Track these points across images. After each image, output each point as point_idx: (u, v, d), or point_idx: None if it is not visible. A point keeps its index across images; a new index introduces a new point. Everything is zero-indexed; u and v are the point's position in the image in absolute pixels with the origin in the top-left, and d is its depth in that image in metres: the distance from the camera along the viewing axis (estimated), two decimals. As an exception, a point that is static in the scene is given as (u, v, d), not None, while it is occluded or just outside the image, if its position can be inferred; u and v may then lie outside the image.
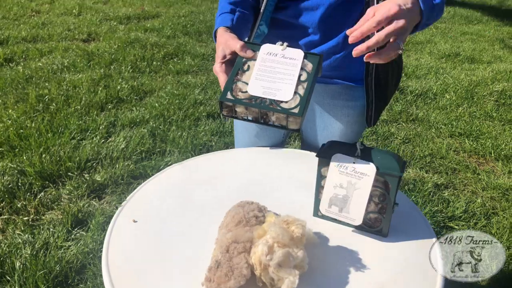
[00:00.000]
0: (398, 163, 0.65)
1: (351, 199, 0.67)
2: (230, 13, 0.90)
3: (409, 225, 0.75)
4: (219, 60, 0.81)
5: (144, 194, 0.87)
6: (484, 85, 3.47)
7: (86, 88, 2.93)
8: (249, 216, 0.69)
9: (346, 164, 0.66)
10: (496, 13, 6.16)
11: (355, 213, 0.68)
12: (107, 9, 5.73)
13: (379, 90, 0.95)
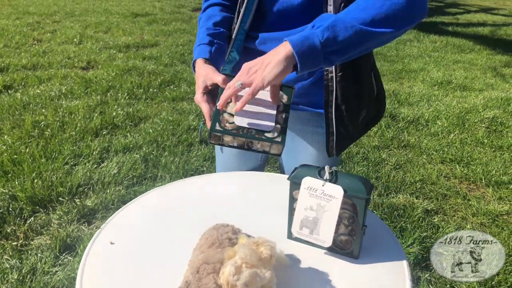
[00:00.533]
0: (365, 186, 0.67)
1: (321, 221, 0.69)
2: (208, 44, 0.95)
3: (382, 247, 0.76)
4: (201, 90, 0.88)
5: (123, 217, 0.89)
6: (475, 112, 3.52)
7: (82, 115, 2.97)
8: (222, 238, 0.71)
9: (315, 186, 0.68)
10: (488, 42, 6.30)
11: (325, 235, 0.69)
12: (108, 38, 5.87)
13: (340, 123, 0.95)
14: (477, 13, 9.13)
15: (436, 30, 6.99)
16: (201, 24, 1.02)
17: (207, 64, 0.92)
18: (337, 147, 0.98)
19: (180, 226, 0.84)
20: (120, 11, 8.01)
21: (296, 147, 1.07)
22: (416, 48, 5.76)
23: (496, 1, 11.47)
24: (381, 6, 0.74)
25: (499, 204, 2.24)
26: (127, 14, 7.72)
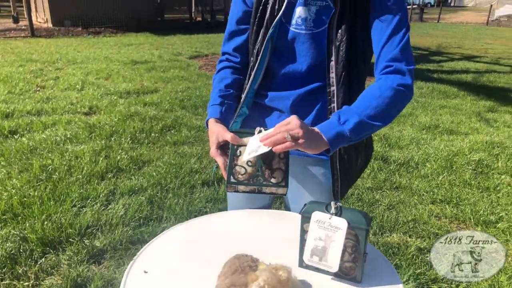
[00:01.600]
0: (365, 218, 0.80)
1: (328, 249, 0.81)
2: (220, 105, 1.13)
3: (380, 274, 0.88)
4: (214, 146, 1.04)
5: (153, 249, 0.99)
6: (462, 155, 3.70)
7: (87, 158, 3.10)
8: (243, 265, 0.83)
9: (323, 219, 0.81)
10: (471, 88, 6.64)
11: (332, 262, 0.81)
12: (108, 84, 6.10)
13: (344, 171, 1.12)
14: (460, 61, 9.63)
15: (422, 77, 7.35)
16: (214, 85, 1.19)
17: (218, 123, 1.08)
18: (341, 191, 1.15)
19: (203, 257, 0.95)
20: (120, 59, 8.33)
21: (301, 188, 1.20)
22: (404, 94, 6.06)
23: (478, 49, 12.11)
24: (389, 108, 0.98)
25: (488, 243, 2.36)
26: (126, 61, 8.03)
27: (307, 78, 1.10)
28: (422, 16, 26.22)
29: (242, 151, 0.97)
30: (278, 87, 1.14)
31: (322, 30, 1.04)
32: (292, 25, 1.07)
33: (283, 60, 1.11)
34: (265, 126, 1.16)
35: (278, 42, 1.09)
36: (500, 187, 3.11)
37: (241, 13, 1.15)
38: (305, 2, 1.05)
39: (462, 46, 12.70)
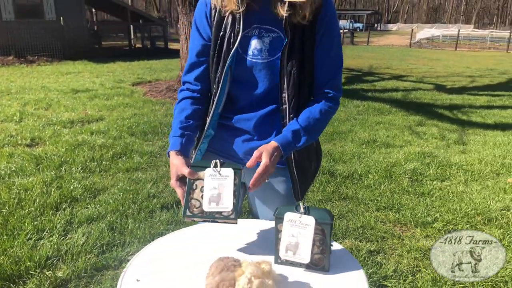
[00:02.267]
0: (329, 215, 0.96)
1: (300, 244, 0.95)
2: (180, 137, 1.21)
3: (343, 262, 1.04)
4: (174, 178, 1.12)
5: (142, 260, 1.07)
6: (399, 166, 4.06)
7: (38, 190, 3.02)
8: (228, 264, 0.94)
9: (294, 219, 0.95)
10: (402, 105, 7.24)
11: (304, 255, 0.96)
12: (49, 114, 5.91)
13: (300, 176, 1.30)
14: (390, 80, 10.45)
15: (358, 96, 7.90)
16: (175, 115, 1.27)
17: (179, 155, 1.16)
18: (301, 192, 1.31)
19: (188, 264, 1.05)
20: (59, 88, 8.08)
21: (266, 196, 1.34)
22: (343, 113, 6.47)
23: (404, 69, 13.20)
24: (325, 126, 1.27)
25: (427, 241, 2.64)
26: (66, 90, 7.81)
27: (266, 100, 1.25)
28: (353, 40, 28.05)
29: (198, 185, 1.07)
30: (240, 110, 1.28)
31: (276, 58, 1.19)
32: (249, 55, 1.20)
33: (243, 86, 1.24)
34: (232, 145, 1.30)
35: (237, 70, 1.23)
36: (433, 192, 3.46)
37: (200, 47, 1.27)
38: (259, 35, 1.19)
39: (390, 67, 13.77)
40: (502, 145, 4.92)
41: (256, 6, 1.18)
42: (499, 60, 17.27)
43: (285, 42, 1.17)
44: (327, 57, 1.22)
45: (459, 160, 4.28)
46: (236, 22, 1.19)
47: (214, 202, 1.05)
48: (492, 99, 7.98)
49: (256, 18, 1.19)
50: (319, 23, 1.18)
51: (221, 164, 1.06)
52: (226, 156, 1.32)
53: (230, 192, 1.05)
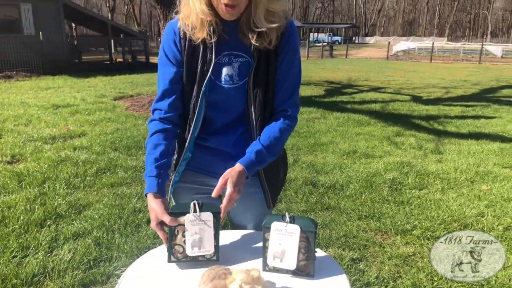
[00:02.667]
0: (313, 223, 1.03)
1: (286, 251, 1.02)
2: (156, 177, 1.21)
3: (327, 268, 1.11)
4: (155, 222, 1.15)
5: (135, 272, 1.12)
6: (379, 175, 4.18)
7: (22, 208, 3.00)
8: (219, 273, 1.00)
9: (281, 228, 1.02)
10: (380, 116, 7.44)
11: (290, 261, 1.02)
12: (30, 130, 5.85)
13: (270, 185, 1.38)
14: (369, 92, 10.71)
15: (338, 108, 8.08)
16: (149, 151, 1.26)
17: (157, 198, 1.17)
18: (272, 200, 1.40)
19: (179, 276, 1.10)
20: (39, 103, 7.99)
21: (245, 206, 1.40)
22: (323, 124, 6.61)
23: (382, 81, 13.54)
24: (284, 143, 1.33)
25: (407, 248, 2.73)
26: (47, 106, 7.73)
27: (240, 121, 1.32)
28: (332, 53, 28.60)
29: (179, 230, 1.11)
30: (216, 131, 1.34)
31: (244, 81, 1.26)
32: (221, 81, 1.26)
33: (217, 109, 1.30)
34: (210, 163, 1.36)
35: (211, 96, 1.28)
36: (411, 200, 3.58)
37: (172, 74, 1.28)
38: (229, 61, 1.26)
39: (369, 79, 14.11)
40: (476, 154, 5.11)
41: (226, 35, 1.24)
42: (472, 71, 17.89)
43: (252, 66, 1.24)
44: (287, 76, 1.29)
45: (436, 169, 4.43)
46: (207, 50, 1.24)
47: (197, 246, 1.11)
48: (466, 109, 8.28)
49: (226, 46, 1.25)
50: (283, 46, 1.26)
51: (199, 207, 1.11)
52: (205, 173, 1.38)
53: (210, 235, 1.11)
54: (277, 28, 1.22)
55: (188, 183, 1.40)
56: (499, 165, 4.65)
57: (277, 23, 1.21)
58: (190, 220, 1.11)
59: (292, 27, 1.28)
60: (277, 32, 1.23)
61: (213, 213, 1.12)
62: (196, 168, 1.38)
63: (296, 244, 1.01)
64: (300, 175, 4.09)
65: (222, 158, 1.34)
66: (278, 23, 1.21)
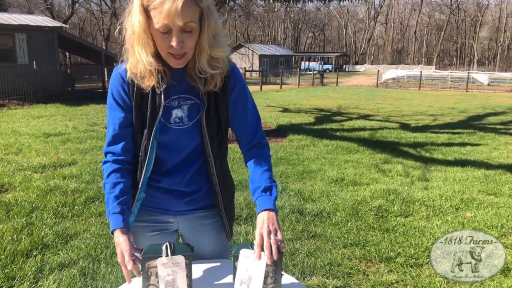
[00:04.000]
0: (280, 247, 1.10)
1: (253, 277, 1.08)
2: (120, 213, 1.24)
3: (297, 296, 1.17)
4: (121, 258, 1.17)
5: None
6: (365, 203, 4.25)
7: (9, 238, 3.01)
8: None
9: (249, 255, 1.09)
10: (369, 143, 7.57)
11: (256, 286, 1.08)
12: (20, 159, 5.87)
13: (228, 216, 1.45)
14: (358, 120, 10.91)
15: (327, 135, 8.21)
16: (108, 191, 1.27)
17: (124, 234, 1.20)
18: (230, 231, 1.47)
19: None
20: (30, 132, 8.04)
21: (201, 238, 1.46)
22: (313, 152, 6.71)
23: (371, 108, 13.80)
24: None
25: (390, 276, 2.78)
26: (38, 134, 7.77)
27: (191, 159, 1.37)
28: (323, 81, 29.14)
29: (152, 272, 1.15)
30: (169, 171, 1.37)
31: (195, 121, 1.32)
32: (171, 123, 1.31)
33: (168, 150, 1.34)
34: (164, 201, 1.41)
35: (162, 138, 1.32)
36: (396, 228, 3.64)
37: (122, 119, 1.31)
38: (179, 104, 1.31)
39: (358, 107, 14.38)
40: (461, 181, 5.22)
41: (174, 81, 1.30)
42: (459, 99, 18.31)
43: (203, 108, 1.30)
44: (247, 115, 1.40)
45: (421, 196, 4.51)
46: (156, 96, 1.28)
47: (170, 286, 1.16)
48: (452, 137, 8.45)
49: (175, 90, 1.31)
50: (230, 88, 1.35)
51: (171, 250, 1.16)
52: (160, 211, 1.42)
53: (183, 276, 1.16)
54: (220, 72, 1.29)
55: (143, 221, 1.42)
56: (484, 192, 4.75)
57: (220, 69, 1.29)
58: (163, 263, 1.15)
59: (235, 69, 1.37)
60: (221, 76, 1.30)
61: (185, 256, 1.17)
62: (151, 208, 1.42)
63: (263, 269, 1.08)
64: (288, 203, 4.15)
65: (175, 196, 1.39)
66: (221, 69, 1.29)
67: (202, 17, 1.19)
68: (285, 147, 7.07)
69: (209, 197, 1.41)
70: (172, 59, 1.22)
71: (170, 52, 1.20)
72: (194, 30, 1.18)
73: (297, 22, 70.08)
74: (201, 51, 1.23)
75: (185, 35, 1.18)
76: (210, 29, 1.21)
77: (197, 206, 1.43)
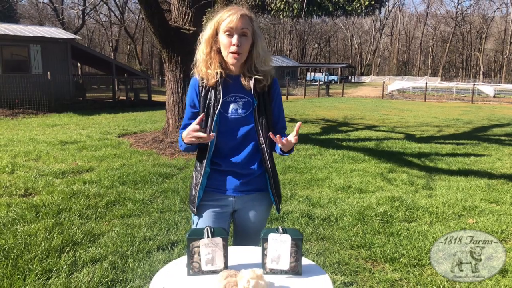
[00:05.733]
0: (300, 233, 1.34)
1: (281, 256, 1.32)
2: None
3: (312, 271, 1.40)
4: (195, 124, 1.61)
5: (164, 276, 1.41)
6: (371, 209, 4.46)
7: (42, 236, 3.27)
8: (231, 273, 1.30)
9: (276, 237, 1.33)
10: (374, 153, 7.77)
11: (284, 263, 1.33)
12: (40, 165, 6.15)
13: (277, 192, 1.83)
14: (364, 130, 11.13)
15: (333, 145, 8.44)
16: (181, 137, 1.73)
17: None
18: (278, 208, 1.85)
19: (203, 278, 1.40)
20: (47, 140, 8.34)
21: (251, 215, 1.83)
22: (320, 161, 6.94)
23: (377, 119, 14.02)
24: None
25: (394, 274, 2.99)
26: (55, 142, 8.07)
27: (245, 145, 1.78)
28: (328, 91, 29.45)
29: (195, 251, 1.42)
30: (227, 155, 1.78)
31: (248, 113, 1.76)
32: (229, 114, 1.75)
33: (227, 136, 1.77)
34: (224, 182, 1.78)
35: (221, 125, 1.75)
36: (401, 232, 3.85)
37: (190, 113, 1.81)
38: (235, 100, 1.76)
39: (364, 117, 14.61)
40: (464, 190, 5.41)
41: (231, 80, 1.76)
42: (465, 110, 18.48)
43: (255, 104, 1.75)
44: (281, 112, 1.88)
45: (425, 204, 4.72)
46: (217, 92, 1.74)
47: (210, 263, 1.42)
48: (457, 147, 8.64)
49: (232, 89, 1.77)
50: (273, 92, 1.83)
51: (211, 233, 1.42)
52: (221, 191, 1.79)
53: (221, 255, 1.42)
54: (267, 80, 1.78)
55: (208, 201, 1.80)
56: (486, 200, 4.94)
57: (269, 71, 1.78)
58: (204, 243, 1.42)
59: (275, 80, 1.85)
60: (267, 81, 1.79)
61: (222, 237, 1.43)
62: (214, 189, 1.79)
63: (288, 249, 1.32)
64: (297, 208, 4.37)
65: (234, 177, 1.78)
66: (270, 72, 1.79)
67: (254, 34, 1.72)
68: (293, 155, 7.30)
69: (261, 180, 1.78)
70: (231, 57, 1.68)
71: (231, 51, 1.67)
72: (248, 36, 1.69)
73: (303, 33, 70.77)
74: (258, 56, 1.73)
75: (242, 38, 1.68)
76: (261, 42, 1.73)
77: (251, 188, 1.79)
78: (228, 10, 1.70)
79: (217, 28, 1.70)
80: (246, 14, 1.70)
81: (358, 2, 6.49)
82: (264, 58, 1.74)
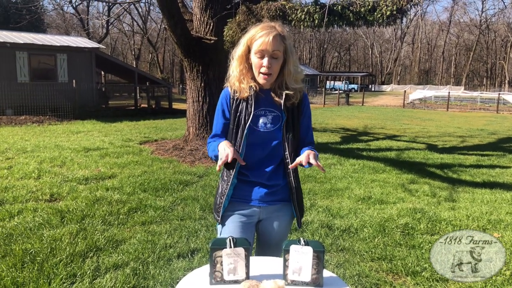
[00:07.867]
0: (322, 245, 1.35)
1: (302, 267, 1.33)
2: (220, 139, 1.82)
3: (334, 283, 1.40)
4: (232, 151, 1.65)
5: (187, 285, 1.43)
6: (392, 220, 4.40)
7: (66, 241, 3.36)
8: (253, 284, 1.32)
9: (298, 249, 1.34)
10: (395, 164, 7.67)
11: (305, 275, 1.33)
12: (65, 171, 6.31)
13: (299, 206, 1.85)
14: (384, 140, 11.00)
15: (353, 155, 8.37)
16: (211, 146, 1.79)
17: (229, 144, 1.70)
18: (300, 222, 1.86)
19: (220, 286, 1.42)
20: (71, 146, 8.55)
21: (273, 226, 1.85)
22: (339, 171, 6.89)
23: (398, 129, 13.85)
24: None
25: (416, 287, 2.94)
26: (78, 149, 8.27)
27: (272, 157, 1.81)
28: (348, 100, 29.25)
29: (218, 260, 1.44)
30: (254, 166, 1.81)
31: (277, 127, 1.80)
32: (259, 127, 1.78)
33: (255, 148, 1.80)
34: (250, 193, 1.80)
35: (250, 138, 1.79)
36: (423, 245, 3.78)
37: (221, 125, 1.86)
38: (265, 114, 1.80)
39: (384, 127, 14.44)
40: (489, 203, 5.27)
41: (262, 94, 1.80)
42: (489, 120, 18.06)
43: (284, 118, 1.79)
44: (309, 127, 1.91)
45: (448, 216, 4.62)
46: (248, 106, 1.78)
47: (232, 273, 1.44)
48: (481, 159, 8.44)
49: (263, 103, 1.81)
50: (302, 106, 1.86)
51: (234, 243, 1.45)
52: (247, 201, 1.82)
53: (243, 265, 1.44)
54: (297, 96, 1.82)
55: (234, 211, 1.83)
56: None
57: (300, 88, 1.82)
58: (227, 253, 1.44)
59: (305, 93, 1.89)
60: (298, 97, 1.83)
61: (245, 248, 1.45)
62: (240, 199, 1.83)
63: (310, 261, 1.33)
64: (317, 218, 4.35)
65: (259, 187, 1.81)
66: (301, 89, 1.82)
67: (286, 51, 1.74)
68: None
69: (285, 192, 1.81)
70: (261, 77, 1.74)
71: (261, 72, 1.72)
72: (279, 57, 1.72)
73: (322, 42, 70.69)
74: (289, 74, 1.77)
75: (273, 60, 1.71)
76: (293, 59, 1.76)
77: (276, 198, 1.82)
78: (261, 29, 1.71)
79: (249, 46, 1.74)
80: (279, 33, 1.71)
81: (380, 12, 6.47)
82: (295, 76, 1.78)
